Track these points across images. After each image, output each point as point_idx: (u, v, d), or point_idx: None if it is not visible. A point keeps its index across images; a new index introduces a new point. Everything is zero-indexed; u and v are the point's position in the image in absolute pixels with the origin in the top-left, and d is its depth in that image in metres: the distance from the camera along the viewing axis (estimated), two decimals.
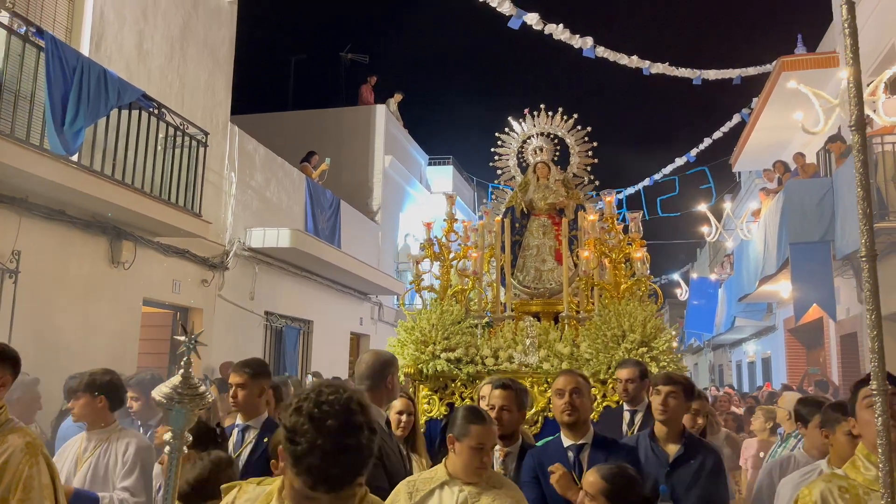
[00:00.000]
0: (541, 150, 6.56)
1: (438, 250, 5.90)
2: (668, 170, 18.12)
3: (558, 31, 11.94)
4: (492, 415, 3.28)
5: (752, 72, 14.49)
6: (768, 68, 14.06)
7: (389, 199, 16.89)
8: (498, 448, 3.42)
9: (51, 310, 7.05)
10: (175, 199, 8.16)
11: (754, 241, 12.95)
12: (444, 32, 50.50)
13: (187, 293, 9.39)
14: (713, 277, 20.32)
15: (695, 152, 17.38)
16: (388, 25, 45.75)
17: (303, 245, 10.91)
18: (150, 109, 7.78)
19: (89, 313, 7.55)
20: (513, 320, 5.64)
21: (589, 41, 12.38)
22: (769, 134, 14.55)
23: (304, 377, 10.80)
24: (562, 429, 3.43)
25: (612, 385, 4.86)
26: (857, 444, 2.44)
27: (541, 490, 3.25)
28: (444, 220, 6.14)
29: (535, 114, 6.62)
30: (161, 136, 8.01)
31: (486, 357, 5.27)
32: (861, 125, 2.15)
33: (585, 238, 5.69)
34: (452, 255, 5.94)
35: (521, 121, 6.67)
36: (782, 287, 12.20)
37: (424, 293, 5.80)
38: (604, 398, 5.02)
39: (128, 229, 8.05)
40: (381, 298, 16.06)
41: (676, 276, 24.99)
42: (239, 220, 10.57)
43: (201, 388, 1.78)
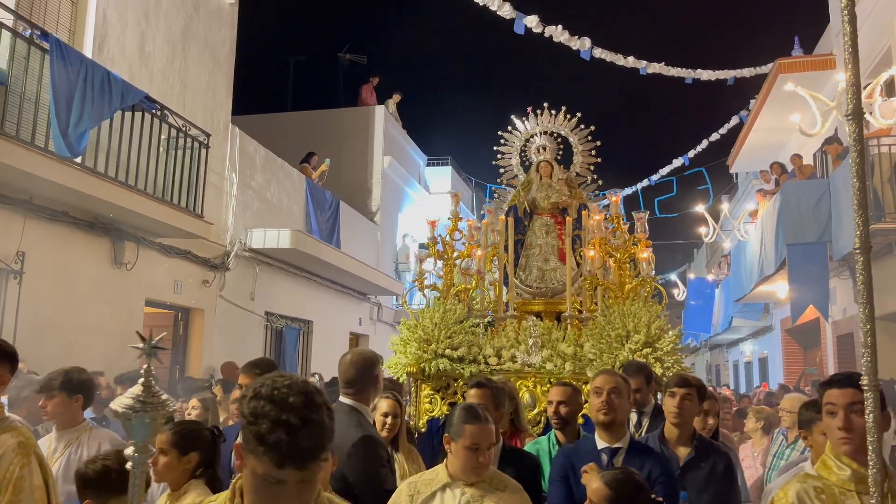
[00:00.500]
0: (544, 148, 6.48)
1: (442, 249, 5.84)
2: (665, 171, 18.21)
3: (557, 33, 12.00)
4: None
5: (746, 73, 14.57)
6: (762, 70, 14.15)
7: (388, 200, 16.91)
8: None
9: (54, 310, 7.08)
10: (177, 201, 8.18)
11: (751, 242, 13.02)
12: (443, 34, 50.57)
13: (188, 294, 9.42)
14: (710, 278, 20.40)
15: (692, 154, 17.46)
16: (387, 26, 45.82)
17: (303, 246, 10.93)
18: (153, 111, 7.80)
19: (92, 313, 7.58)
20: (515, 320, 5.59)
21: (587, 42, 12.44)
22: (766, 135, 14.61)
23: (308, 377, 10.80)
24: (597, 429, 3.29)
25: None
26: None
27: (569, 489, 3.15)
28: (448, 218, 6.08)
29: (539, 112, 6.51)
30: (163, 137, 8.04)
31: (489, 356, 5.22)
32: (858, 114, 2.14)
33: (590, 237, 5.62)
34: (456, 253, 5.87)
35: (524, 119, 6.58)
36: (779, 287, 12.26)
37: (427, 292, 5.73)
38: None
39: (130, 230, 8.08)
40: (379, 299, 16.08)
41: (674, 277, 25.10)
42: (239, 220, 10.60)
43: (163, 395, 1.71)
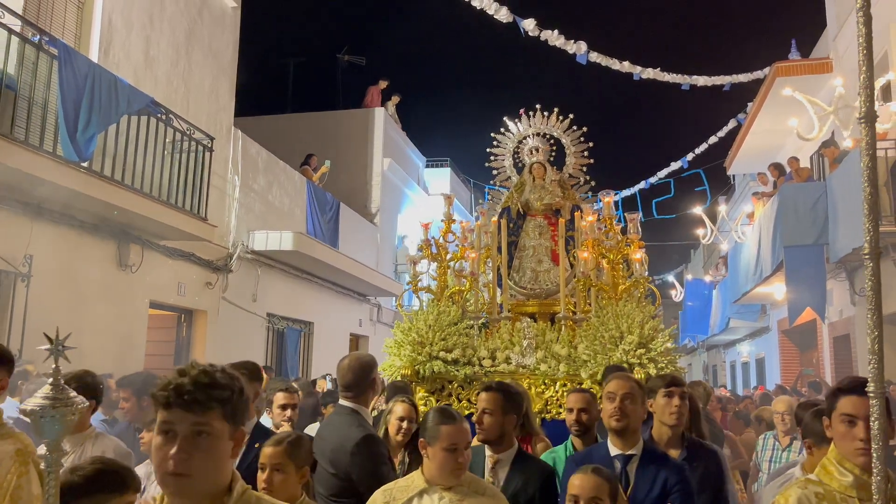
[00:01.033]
0: (537, 150, 6.44)
1: (436, 251, 5.83)
2: (663, 173, 18.32)
3: (553, 37, 12.12)
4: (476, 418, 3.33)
5: (742, 79, 14.67)
6: (759, 75, 14.27)
7: (388, 202, 17.03)
8: (488, 454, 3.32)
9: (61, 312, 7.18)
10: (181, 204, 8.29)
11: (748, 244, 13.12)
12: (442, 36, 50.69)
13: (192, 295, 9.53)
14: (707, 279, 20.51)
15: (690, 157, 17.57)
16: (386, 28, 45.95)
17: (305, 247, 11.04)
18: (158, 115, 7.92)
19: (98, 315, 7.67)
20: (509, 321, 5.59)
21: (583, 46, 12.55)
22: (763, 138, 14.72)
23: (318, 377, 10.87)
24: (609, 436, 3.21)
25: None
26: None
27: None
28: (442, 220, 6.05)
29: (531, 114, 6.47)
30: (167, 140, 8.15)
31: (483, 358, 5.21)
32: (871, 118, 2.07)
33: (583, 239, 5.61)
34: (450, 255, 5.86)
35: (516, 121, 6.52)
36: (776, 289, 12.37)
37: (422, 294, 5.72)
38: (600, 401, 4.99)
39: (135, 233, 8.19)
40: (379, 300, 16.18)
41: (671, 278, 25.22)
42: (242, 223, 10.71)
43: (72, 393, 1.71)
